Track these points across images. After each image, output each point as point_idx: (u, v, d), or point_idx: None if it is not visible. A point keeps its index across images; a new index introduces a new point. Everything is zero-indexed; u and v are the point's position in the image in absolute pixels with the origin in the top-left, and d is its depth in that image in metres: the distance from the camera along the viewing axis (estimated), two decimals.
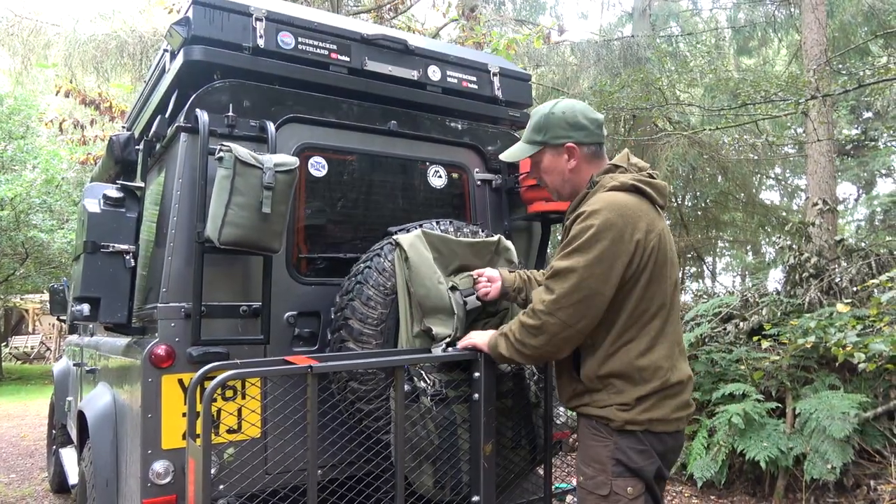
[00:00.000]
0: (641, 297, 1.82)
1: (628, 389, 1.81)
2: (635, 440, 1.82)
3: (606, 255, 1.75)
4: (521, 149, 2.07)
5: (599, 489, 1.81)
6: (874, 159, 17.91)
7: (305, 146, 2.66)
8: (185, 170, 2.40)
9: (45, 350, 22.59)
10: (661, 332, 1.85)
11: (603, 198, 1.83)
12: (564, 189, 2.03)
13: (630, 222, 1.79)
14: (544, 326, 1.81)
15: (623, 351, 1.82)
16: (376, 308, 2.31)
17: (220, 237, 2.14)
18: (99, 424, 2.73)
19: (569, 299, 1.77)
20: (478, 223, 2.98)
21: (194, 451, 1.77)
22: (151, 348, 2.23)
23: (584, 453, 1.89)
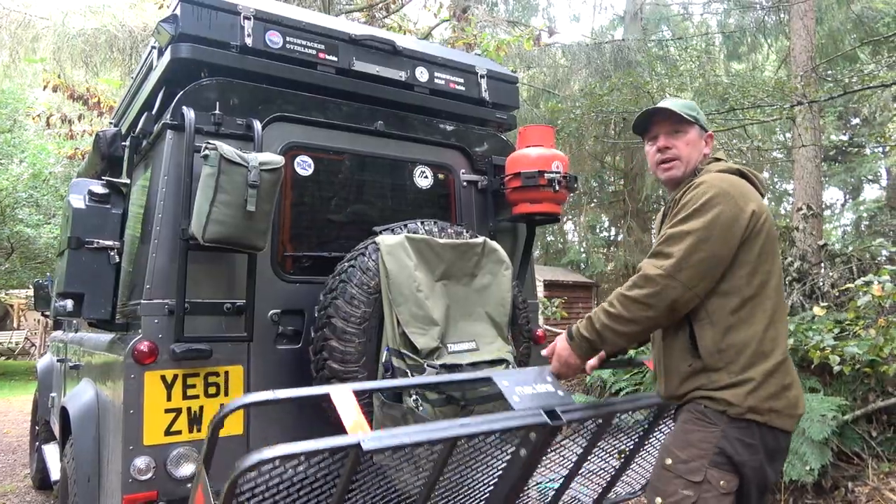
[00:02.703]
0: (755, 269, 1.80)
1: (754, 364, 1.75)
2: (747, 432, 1.74)
3: (723, 218, 1.75)
4: (678, 109, 2.03)
5: (692, 475, 1.73)
6: (861, 165, 18.12)
7: (292, 145, 2.67)
8: (170, 167, 2.40)
9: (29, 346, 22.38)
10: (776, 312, 1.82)
11: (712, 175, 1.87)
12: (690, 165, 2.01)
13: (743, 194, 1.81)
14: (664, 291, 1.74)
15: (745, 323, 1.77)
16: (360, 307, 2.33)
17: (204, 234, 2.15)
18: (81, 420, 2.73)
19: (688, 260, 1.73)
20: (463, 224, 3.01)
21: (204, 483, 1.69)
22: (134, 345, 2.24)
23: (680, 437, 1.80)
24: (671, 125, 2.02)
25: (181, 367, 2.30)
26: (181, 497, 2.26)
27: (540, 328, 3.29)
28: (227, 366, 2.39)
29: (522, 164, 2.92)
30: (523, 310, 2.78)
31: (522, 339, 2.74)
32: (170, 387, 2.28)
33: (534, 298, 3.29)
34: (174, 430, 2.27)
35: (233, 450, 2.38)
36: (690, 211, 1.79)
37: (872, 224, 18.47)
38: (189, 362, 2.30)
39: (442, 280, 2.47)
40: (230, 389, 2.40)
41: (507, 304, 2.57)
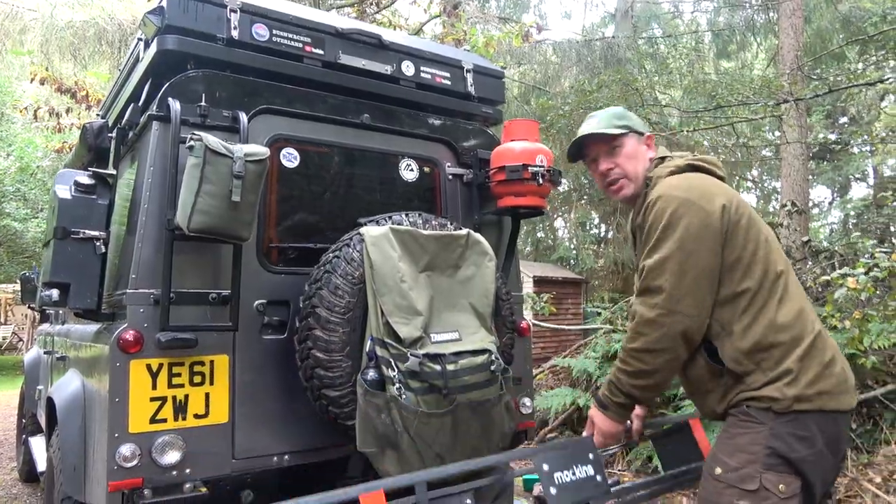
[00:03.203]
0: (751, 261, 1.69)
1: (786, 355, 1.62)
2: (799, 424, 1.59)
3: (694, 229, 1.65)
4: (605, 127, 1.94)
5: (745, 483, 1.57)
6: (848, 164, 18.29)
7: (278, 137, 2.69)
8: (156, 158, 2.42)
9: (17, 341, 22.23)
10: (789, 290, 1.71)
11: (665, 185, 1.78)
12: (639, 178, 1.92)
13: (704, 193, 1.71)
14: (671, 329, 1.64)
15: (761, 316, 1.65)
16: (344, 297, 2.36)
17: (189, 224, 2.17)
18: (67, 410, 2.74)
19: (680, 287, 1.64)
20: (449, 217, 3.04)
21: None
22: (120, 333, 2.25)
23: (726, 443, 1.66)
24: (605, 144, 1.95)
25: (166, 355, 2.32)
26: (166, 484, 2.28)
27: (524, 321, 3.33)
28: (213, 355, 2.41)
29: (507, 158, 2.95)
30: (507, 301, 2.82)
31: (506, 331, 2.78)
32: (155, 375, 2.30)
33: (518, 291, 3.33)
34: (159, 418, 2.29)
35: (218, 440, 2.41)
36: (658, 235, 1.70)
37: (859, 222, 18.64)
38: (174, 351, 2.32)
39: (426, 271, 2.50)
40: (215, 378, 2.42)
41: (490, 296, 2.60)
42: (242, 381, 2.48)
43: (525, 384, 3.27)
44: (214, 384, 2.42)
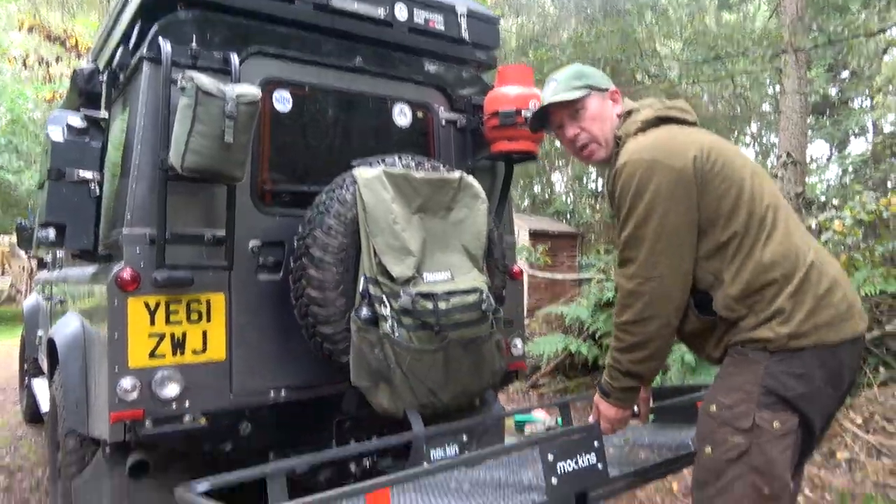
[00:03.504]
0: (734, 207, 1.64)
1: (777, 294, 1.59)
2: (794, 362, 1.58)
3: (665, 189, 1.61)
4: (564, 92, 1.86)
5: (739, 421, 1.58)
6: (848, 118, 18.18)
7: (270, 80, 2.69)
8: (148, 99, 2.42)
9: (15, 293, 22.35)
10: (778, 226, 1.67)
11: (632, 146, 1.71)
12: (609, 138, 1.86)
13: (671, 149, 1.66)
14: (654, 294, 1.62)
15: (749, 259, 1.62)
16: (337, 237, 2.40)
17: (182, 164, 2.19)
18: (68, 349, 2.80)
19: (655, 251, 1.62)
20: (442, 161, 3.06)
21: None
22: (117, 272, 2.30)
23: (722, 382, 1.67)
24: (568, 108, 1.87)
25: (163, 293, 2.37)
26: (166, 416, 2.37)
27: (517, 265, 3.38)
28: (209, 294, 2.47)
29: (500, 103, 2.95)
30: (499, 244, 2.87)
31: (498, 272, 2.83)
32: (153, 313, 2.36)
33: (511, 235, 3.37)
34: (158, 353, 2.36)
35: (216, 375, 2.49)
36: (629, 203, 1.66)
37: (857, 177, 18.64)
38: (171, 289, 2.37)
39: (418, 213, 2.53)
40: (212, 317, 2.48)
41: (482, 237, 2.65)
42: (239, 319, 2.54)
43: (516, 326, 3.35)
44: (211, 322, 2.48)
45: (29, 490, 4.06)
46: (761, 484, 1.56)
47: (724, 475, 1.60)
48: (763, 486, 1.56)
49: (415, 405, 2.41)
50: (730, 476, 1.59)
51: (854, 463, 3.78)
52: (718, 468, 1.61)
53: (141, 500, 2.54)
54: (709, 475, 1.63)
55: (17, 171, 15.21)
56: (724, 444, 1.60)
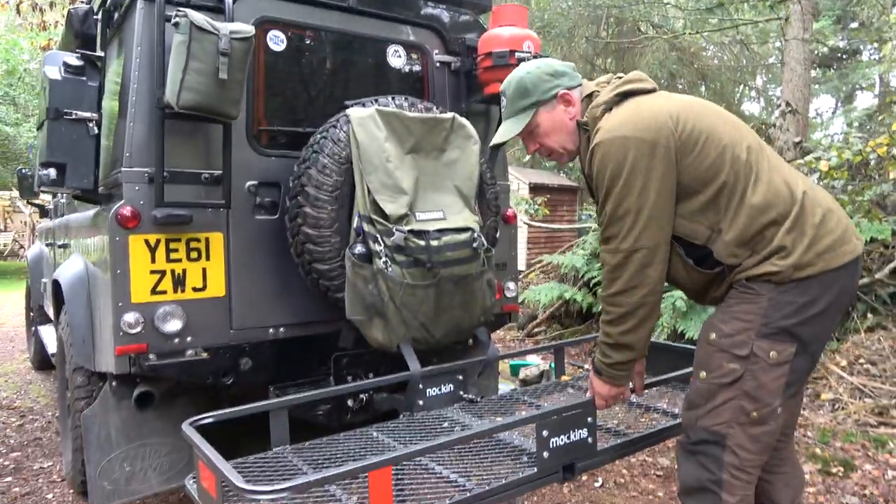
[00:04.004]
0: (718, 160, 1.66)
1: (774, 232, 1.63)
2: (800, 291, 1.61)
3: (641, 163, 1.62)
4: (513, 123, 1.90)
5: (736, 348, 1.64)
6: (854, 71, 17.89)
7: (264, 19, 2.69)
8: (142, 38, 2.43)
9: (18, 247, 22.49)
10: (763, 168, 1.69)
11: (600, 130, 1.71)
12: (571, 143, 1.87)
13: (641, 123, 1.66)
14: (635, 267, 1.66)
15: (742, 205, 1.65)
16: (331, 175, 2.44)
17: (178, 101, 2.21)
18: (73, 289, 2.88)
19: (638, 225, 1.64)
20: (435, 103, 3.07)
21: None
22: (118, 210, 2.35)
23: (724, 312, 1.70)
24: (522, 132, 1.90)
25: (163, 231, 2.43)
26: (170, 350, 2.46)
27: (511, 209, 3.43)
28: (208, 232, 2.53)
29: (494, 44, 2.95)
30: (492, 185, 2.91)
31: (490, 213, 2.88)
32: (153, 250, 2.42)
33: (504, 180, 3.41)
34: (160, 289, 2.43)
35: (216, 312, 2.57)
36: (607, 182, 1.67)
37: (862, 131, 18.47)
38: (170, 227, 2.42)
39: (411, 153, 2.57)
40: (211, 255, 2.54)
41: (474, 178, 2.69)
42: (237, 257, 2.61)
43: (510, 270, 3.42)
44: (211, 260, 2.54)
45: (40, 430, 4.21)
46: (749, 408, 1.63)
47: (714, 398, 1.67)
48: (751, 409, 1.63)
49: (408, 339, 2.49)
50: (720, 399, 1.66)
51: (837, 403, 3.90)
52: (711, 391, 1.68)
53: (147, 430, 2.65)
54: (700, 398, 1.71)
55: (15, 123, 15.12)
56: (719, 370, 1.66)
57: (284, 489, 1.42)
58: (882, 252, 4.82)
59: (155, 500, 3.06)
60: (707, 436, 1.68)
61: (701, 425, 1.69)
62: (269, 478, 1.85)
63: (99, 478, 2.58)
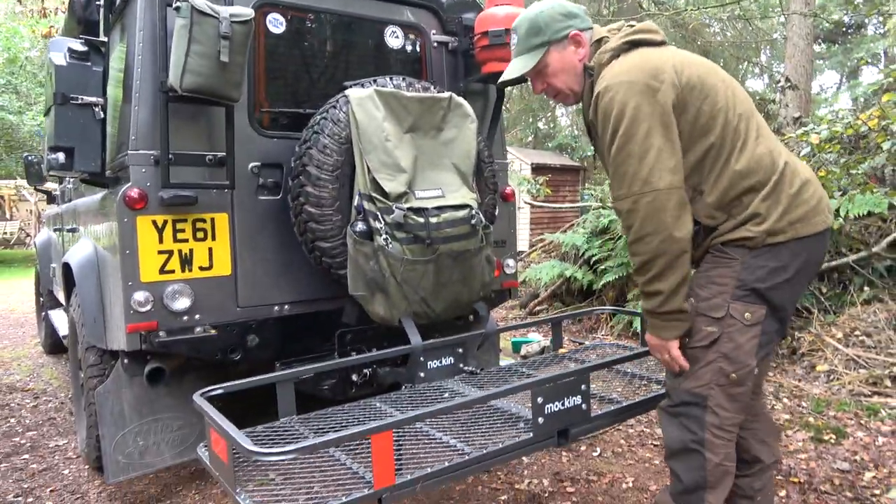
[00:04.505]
0: (710, 119, 1.70)
1: (752, 199, 1.70)
2: (773, 256, 1.69)
3: (646, 108, 1.65)
4: (523, 60, 1.90)
5: (713, 311, 1.71)
6: (859, 46, 17.72)
7: (263, 2, 2.73)
8: (145, 22, 2.48)
9: (24, 236, 22.64)
10: (750, 135, 1.73)
11: (606, 74, 1.74)
12: (576, 84, 1.89)
13: (647, 70, 1.69)
14: (647, 212, 1.65)
15: (726, 168, 1.70)
16: (332, 155, 2.50)
17: (181, 84, 2.27)
18: (83, 270, 2.96)
19: (644, 167, 1.65)
20: (433, 83, 3.12)
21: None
22: (125, 192, 2.42)
23: (700, 277, 1.78)
24: (531, 72, 1.90)
25: (170, 212, 2.50)
26: (179, 328, 2.54)
27: (509, 187, 3.49)
28: (213, 213, 2.60)
29: (490, 24, 2.99)
30: (489, 164, 2.96)
31: (487, 190, 2.94)
32: (161, 230, 2.49)
33: (503, 158, 3.46)
34: (168, 269, 2.51)
35: (222, 290, 2.64)
36: (612, 126, 1.69)
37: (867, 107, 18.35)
38: (177, 208, 2.50)
39: (410, 132, 2.62)
40: (217, 235, 2.61)
41: (472, 156, 2.74)
42: (242, 237, 2.68)
43: (508, 247, 3.48)
44: (216, 240, 2.61)
45: (54, 410, 4.32)
46: (729, 369, 1.70)
47: (696, 362, 1.73)
48: (730, 370, 1.70)
49: (409, 313, 2.56)
50: (701, 362, 1.72)
51: (833, 374, 3.97)
52: (692, 356, 1.75)
53: (159, 406, 2.75)
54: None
55: (18, 111, 15.15)
56: (698, 333, 1.73)
57: (292, 451, 1.51)
58: (880, 226, 4.86)
59: (167, 474, 3.17)
60: (689, 398, 1.75)
61: (683, 388, 1.76)
62: (276, 444, 1.94)
63: (113, 452, 2.68)
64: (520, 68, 1.90)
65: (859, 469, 2.82)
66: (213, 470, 1.79)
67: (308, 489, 1.71)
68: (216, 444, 1.74)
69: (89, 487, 3.09)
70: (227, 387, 2.07)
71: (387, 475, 1.62)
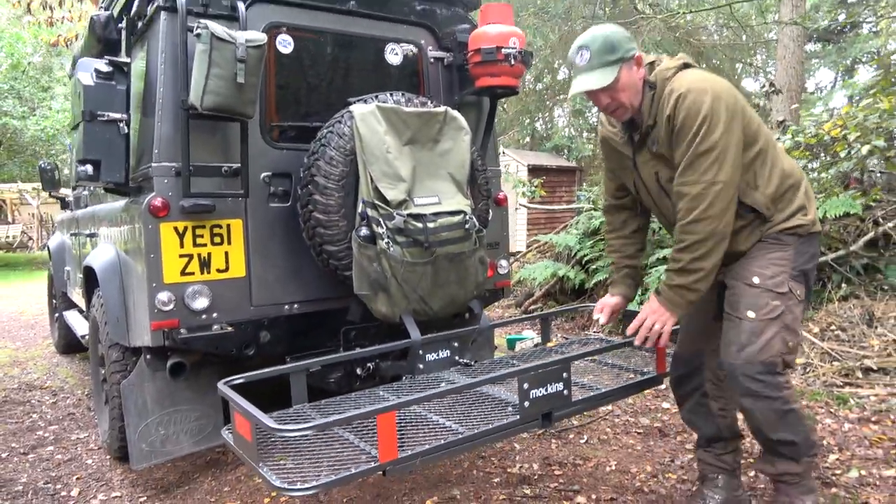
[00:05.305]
0: (758, 126, 2.08)
1: (796, 193, 2.11)
2: (812, 244, 2.11)
3: (729, 111, 1.95)
4: (600, 74, 2.05)
5: (779, 287, 2.03)
6: (853, 45, 17.95)
7: (273, 24, 2.96)
8: (167, 45, 2.72)
9: (27, 239, 22.86)
10: (777, 146, 2.17)
11: (683, 80, 2.03)
12: (637, 100, 2.12)
13: (719, 82, 2.02)
14: (713, 200, 1.95)
15: (774, 168, 2.09)
16: (337, 166, 2.74)
17: (202, 104, 2.50)
18: (106, 273, 3.19)
19: (720, 163, 1.95)
20: (430, 97, 3.35)
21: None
22: (150, 200, 2.65)
23: (762, 258, 2.08)
24: (607, 85, 2.07)
25: (190, 219, 2.73)
26: (198, 325, 2.77)
27: (502, 192, 3.72)
28: (229, 219, 2.83)
29: (482, 41, 3.22)
30: (483, 172, 3.20)
31: (481, 197, 3.18)
32: (181, 236, 2.73)
33: (496, 166, 3.70)
34: (188, 271, 2.74)
35: (238, 291, 2.88)
36: (701, 120, 1.95)
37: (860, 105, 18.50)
38: (196, 216, 2.73)
39: (409, 144, 2.85)
40: (232, 239, 2.85)
41: (466, 166, 2.98)
42: (255, 241, 2.91)
43: (502, 249, 3.72)
44: (232, 244, 2.85)
45: (73, 406, 4.55)
46: (789, 339, 2.04)
47: (763, 333, 2.02)
48: (789, 340, 2.05)
49: (409, 311, 2.79)
50: (769, 334, 2.02)
51: (808, 367, 4.21)
52: (760, 328, 2.03)
53: (179, 398, 2.98)
54: (751, 336, 2.04)
55: (21, 116, 15.38)
56: (765, 307, 2.03)
57: (309, 427, 1.74)
58: (857, 225, 5.10)
59: (185, 462, 3.40)
60: (763, 368, 2.02)
61: (758, 360, 2.03)
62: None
63: (138, 440, 2.91)
64: (599, 81, 2.06)
65: (825, 452, 3.05)
66: (237, 448, 2.02)
67: (321, 463, 1.94)
68: (240, 425, 1.96)
69: (113, 475, 3.32)
70: (247, 376, 2.30)
71: (390, 450, 1.85)
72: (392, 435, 1.86)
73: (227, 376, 2.33)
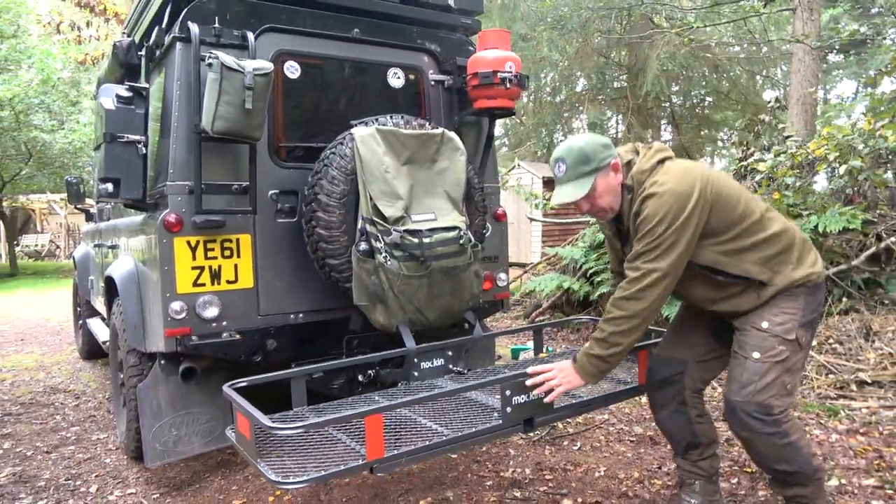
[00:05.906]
0: (747, 204, 2.20)
1: (792, 249, 2.20)
2: (818, 292, 2.22)
3: (688, 213, 2.08)
4: (575, 185, 2.22)
5: (788, 334, 2.15)
6: (873, 57, 17.85)
7: (281, 52, 3.17)
8: (181, 73, 2.93)
9: (55, 248, 23.49)
10: (766, 209, 2.25)
11: (654, 182, 2.16)
12: (616, 203, 2.28)
13: (686, 181, 2.12)
14: (662, 291, 2.11)
15: (764, 238, 2.18)
16: (339, 185, 2.92)
17: (213, 128, 2.70)
18: (126, 283, 3.40)
19: (676, 258, 2.10)
20: (431, 118, 3.53)
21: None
22: (164, 216, 2.86)
23: (774, 306, 2.19)
24: (583, 195, 2.23)
25: (201, 234, 2.93)
26: (208, 333, 2.96)
27: (501, 208, 3.88)
28: (238, 234, 3.02)
29: (480, 65, 3.39)
30: (479, 189, 3.36)
31: (478, 213, 3.34)
32: (194, 250, 2.92)
33: (495, 182, 3.87)
34: (200, 282, 2.94)
35: (246, 301, 3.06)
36: (665, 221, 2.09)
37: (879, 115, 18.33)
38: (207, 231, 2.93)
39: (407, 164, 3.03)
40: (241, 253, 3.04)
41: (461, 184, 3.14)
42: (263, 255, 3.10)
43: (501, 262, 3.87)
44: (241, 257, 3.04)
45: (94, 409, 4.77)
46: (788, 381, 2.18)
47: (766, 375, 2.15)
48: (788, 383, 2.19)
49: (405, 321, 2.96)
50: (771, 376, 2.15)
51: (804, 379, 4.29)
52: (763, 370, 2.16)
53: (190, 401, 3.17)
54: (753, 375, 2.17)
55: (50, 129, 15.86)
56: (771, 351, 2.16)
57: (300, 426, 1.91)
58: (860, 240, 5.16)
59: (196, 462, 3.58)
60: (760, 408, 2.15)
61: (756, 400, 2.16)
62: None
63: (152, 440, 3.10)
64: (575, 193, 2.23)
65: None
66: (239, 446, 2.19)
67: (314, 460, 2.10)
68: (241, 424, 2.14)
69: (129, 474, 3.52)
70: (250, 380, 2.48)
71: (377, 450, 2.01)
72: (379, 435, 2.02)
73: (239, 377, 2.51)
